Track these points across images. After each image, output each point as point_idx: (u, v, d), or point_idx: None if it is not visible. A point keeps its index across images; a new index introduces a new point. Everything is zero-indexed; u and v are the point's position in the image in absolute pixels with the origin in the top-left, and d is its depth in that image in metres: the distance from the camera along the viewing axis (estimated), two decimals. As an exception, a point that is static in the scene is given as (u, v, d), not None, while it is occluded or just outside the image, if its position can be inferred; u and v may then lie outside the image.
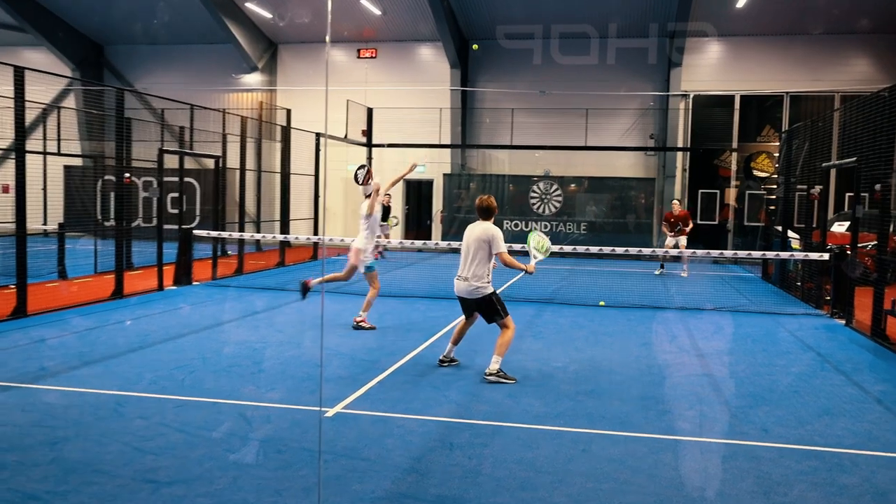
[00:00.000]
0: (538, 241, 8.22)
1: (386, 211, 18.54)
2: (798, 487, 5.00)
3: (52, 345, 8.91)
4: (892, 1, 20.58)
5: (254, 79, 25.72)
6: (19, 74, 10.19)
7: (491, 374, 7.56)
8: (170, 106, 21.45)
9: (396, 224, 20.84)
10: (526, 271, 7.92)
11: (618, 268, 19.50)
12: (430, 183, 25.26)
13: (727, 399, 7.14)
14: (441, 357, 8.24)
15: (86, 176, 22.43)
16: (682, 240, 17.34)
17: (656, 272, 18.21)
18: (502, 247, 7.76)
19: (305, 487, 4.79)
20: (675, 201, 18.53)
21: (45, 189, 17.90)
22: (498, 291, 7.95)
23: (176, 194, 17.49)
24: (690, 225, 17.70)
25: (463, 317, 8.24)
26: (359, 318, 10.22)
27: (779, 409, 6.80)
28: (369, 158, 23.82)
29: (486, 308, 7.82)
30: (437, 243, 14.43)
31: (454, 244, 14.35)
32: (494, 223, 7.88)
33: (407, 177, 24.02)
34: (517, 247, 13.57)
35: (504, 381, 7.54)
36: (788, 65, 22.65)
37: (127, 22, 25.17)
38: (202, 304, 12.18)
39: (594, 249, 13.00)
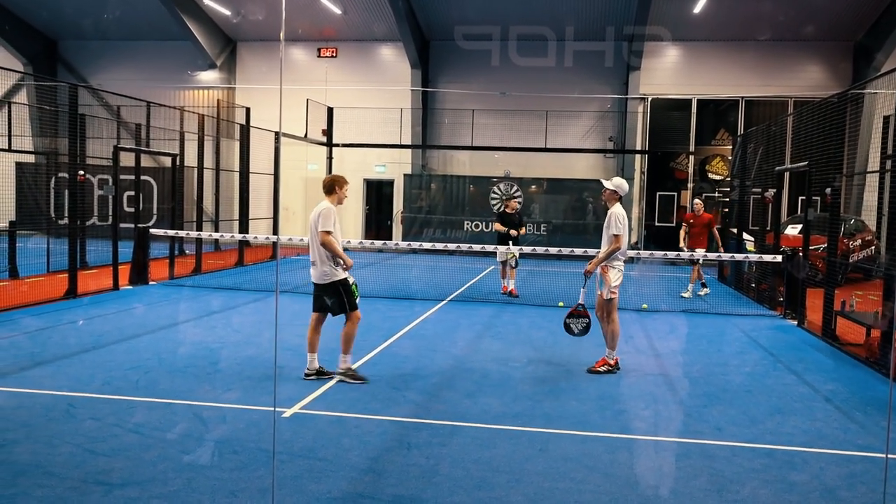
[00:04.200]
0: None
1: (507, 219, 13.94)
2: (750, 485, 5.08)
3: (1, 345, 8.70)
4: (842, 11, 21.09)
5: (212, 76, 25.41)
6: (-32, 68, 9.95)
7: (339, 374, 7.41)
8: (126, 103, 21.06)
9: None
10: (345, 262, 7.34)
11: (577, 269, 19.59)
12: (390, 183, 25.21)
13: (682, 398, 7.24)
14: (306, 371, 7.49)
15: (38, 173, 21.98)
16: (701, 252, 13.91)
17: (684, 294, 14.66)
18: (325, 225, 7.23)
19: (261, 488, 4.74)
20: (697, 201, 15.08)
21: (-5, 186, 17.49)
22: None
23: (132, 192, 17.23)
24: (715, 235, 14.69)
25: (313, 315, 7.56)
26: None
27: (732, 408, 6.92)
28: (329, 158, 23.69)
29: (331, 295, 7.36)
30: (397, 244, 14.41)
31: (415, 244, 14.36)
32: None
33: (367, 177, 23.64)
34: (466, 246, 13.61)
35: (353, 381, 7.35)
36: (744, 70, 23.05)
37: (81, 17, 24.70)
38: (158, 304, 12.00)
39: (553, 251, 13.10)
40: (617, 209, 8.07)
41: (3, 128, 20.00)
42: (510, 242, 13.42)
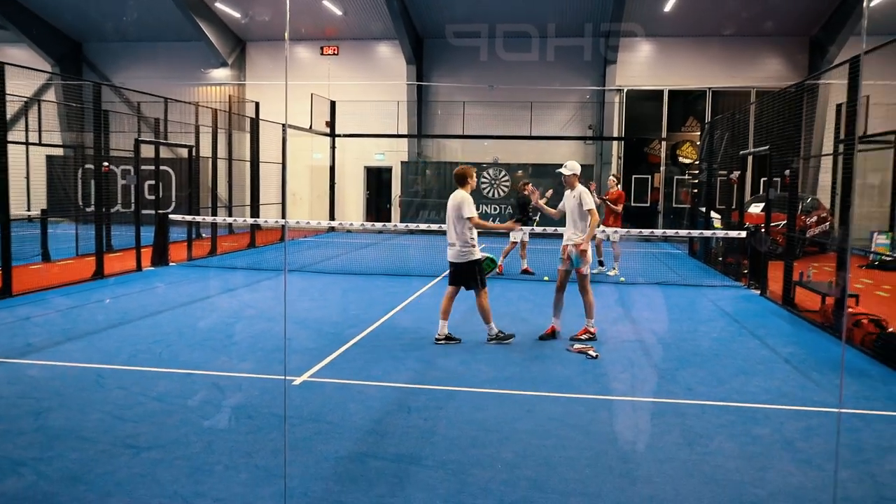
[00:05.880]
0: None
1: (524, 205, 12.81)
2: (717, 439, 5.11)
3: (36, 322, 8.68)
4: (799, 8, 20.95)
5: (224, 74, 25.18)
6: (-1, 69, 9.83)
7: (491, 341, 7.86)
8: (145, 99, 20.91)
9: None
10: (510, 227, 8.79)
11: (559, 246, 19.56)
12: (388, 170, 25.09)
13: (656, 362, 7.26)
14: (436, 336, 7.83)
15: (67, 165, 21.83)
16: (609, 230, 12.85)
17: (597, 270, 13.38)
18: (468, 212, 7.64)
19: (274, 449, 4.75)
20: (611, 177, 14.39)
21: (27, 177, 17.41)
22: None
23: (152, 181, 17.12)
24: (618, 207, 13.47)
25: (449, 289, 7.89)
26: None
27: (701, 370, 6.94)
28: (332, 148, 23.57)
29: (467, 274, 7.75)
30: (395, 225, 14.37)
31: (411, 226, 14.32)
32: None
33: (367, 164, 23.55)
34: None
35: (505, 341, 7.89)
36: (711, 63, 22.92)
37: (104, 20, 24.43)
38: (178, 284, 11.96)
39: (538, 230, 13.07)
40: (581, 188, 8.19)
41: (34, 124, 19.82)
42: (531, 221, 13.47)
